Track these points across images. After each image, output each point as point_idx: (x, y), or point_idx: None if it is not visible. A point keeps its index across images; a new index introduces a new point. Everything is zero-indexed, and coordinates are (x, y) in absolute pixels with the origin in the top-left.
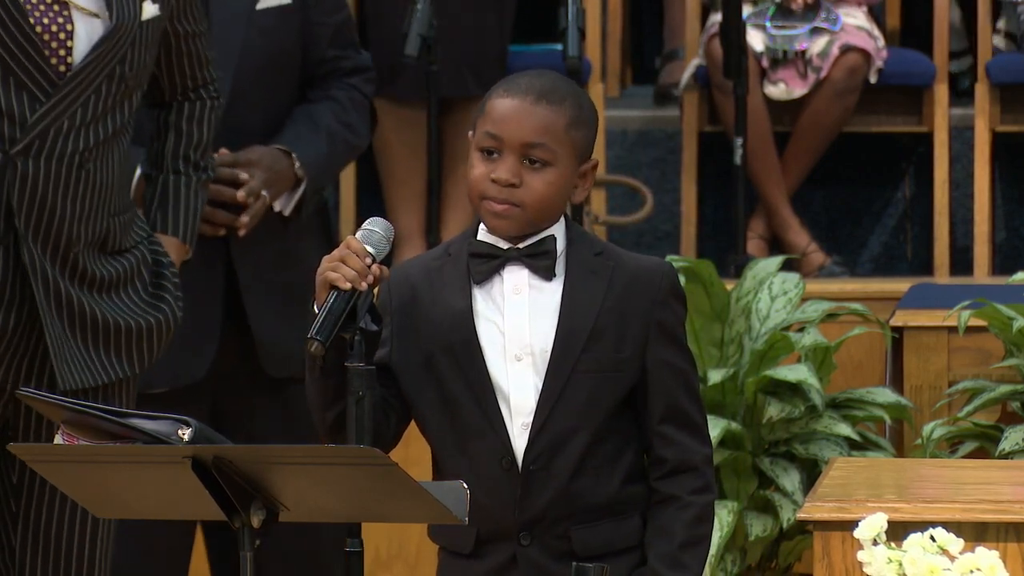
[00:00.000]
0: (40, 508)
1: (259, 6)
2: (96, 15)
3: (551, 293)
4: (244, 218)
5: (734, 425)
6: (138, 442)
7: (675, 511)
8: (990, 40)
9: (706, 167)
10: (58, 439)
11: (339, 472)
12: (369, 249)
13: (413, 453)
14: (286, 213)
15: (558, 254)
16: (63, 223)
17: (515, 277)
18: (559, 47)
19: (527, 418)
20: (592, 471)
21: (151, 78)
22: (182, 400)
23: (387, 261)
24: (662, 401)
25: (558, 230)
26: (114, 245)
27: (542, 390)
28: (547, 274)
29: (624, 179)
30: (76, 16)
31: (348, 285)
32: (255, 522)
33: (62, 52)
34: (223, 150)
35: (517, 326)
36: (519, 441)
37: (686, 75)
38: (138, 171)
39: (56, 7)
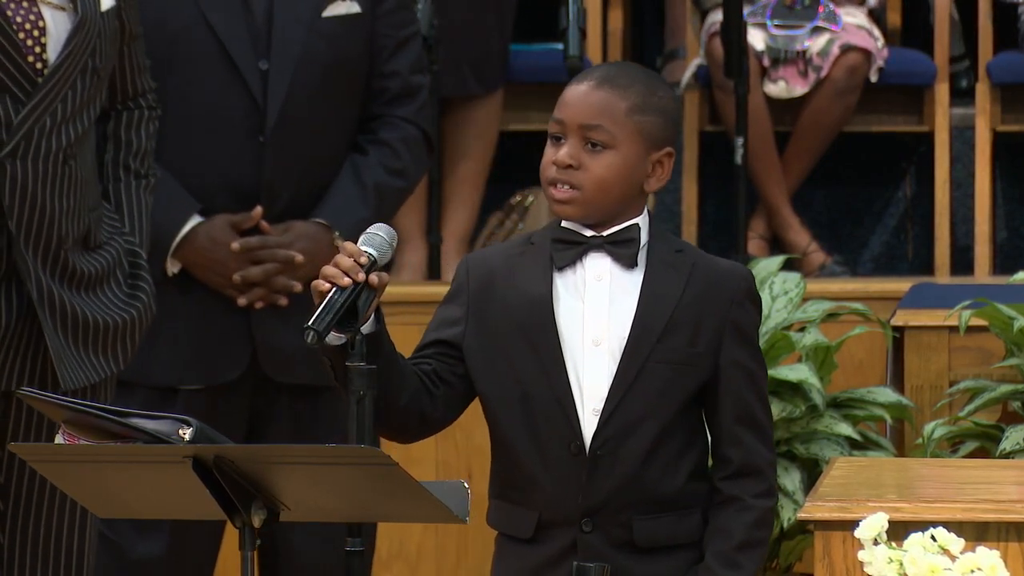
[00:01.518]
0: (29, 508)
1: (325, 13)
2: (62, 8)
3: (632, 282)
4: (298, 285)
5: None
6: (139, 442)
7: (736, 512)
8: (991, 40)
9: (707, 166)
10: (59, 439)
11: (340, 472)
12: (369, 251)
13: (414, 453)
14: None
15: (641, 245)
16: (53, 221)
17: (597, 264)
18: (560, 46)
19: (598, 404)
20: (659, 463)
21: None
22: (221, 397)
23: (388, 263)
24: (733, 401)
25: (642, 222)
26: (94, 240)
27: (615, 376)
28: (629, 262)
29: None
30: (45, 11)
31: (327, 286)
32: (256, 522)
33: (37, 49)
34: (258, 209)
35: (597, 311)
36: (588, 426)
37: (687, 74)
38: None
39: (26, 3)
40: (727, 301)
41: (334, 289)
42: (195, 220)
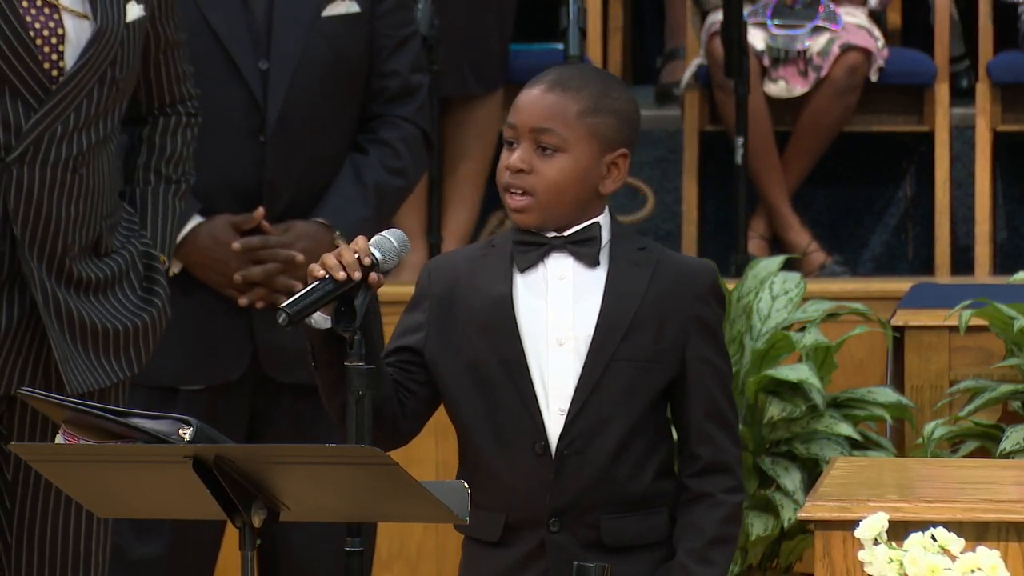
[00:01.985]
0: (35, 506)
1: (325, 13)
2: (85, 16)
3: (595, 281)
4: (299, 285)
5: None
6: (139, 442)
7: (707, 508)
8: (991, 40)
9: (707, 166)
10: (59, 439)
11: (340, 472)
12: (376, 253)
13: (414, 453)
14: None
15: (603, 244)
16: (59, 228)
17: (560, 264)
18: (560, 46)
19: (564, 403)
20: (626, 462)
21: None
22: (222, 397)
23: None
24: (701, 398)
25: (603, 221)
26: (105, 247)
27: (581, 375)
28: (591, 261)
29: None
30: (66, 18)
31: (322, 272)
32: (256, 522)
33: (54, 57)
34: (260, 210)
35: (560, 311)
36: (554, 426)
37: (687, 74)
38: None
39: (47, 10)
40: (692, 297)
41: (326, 279)
42: (196, 220)
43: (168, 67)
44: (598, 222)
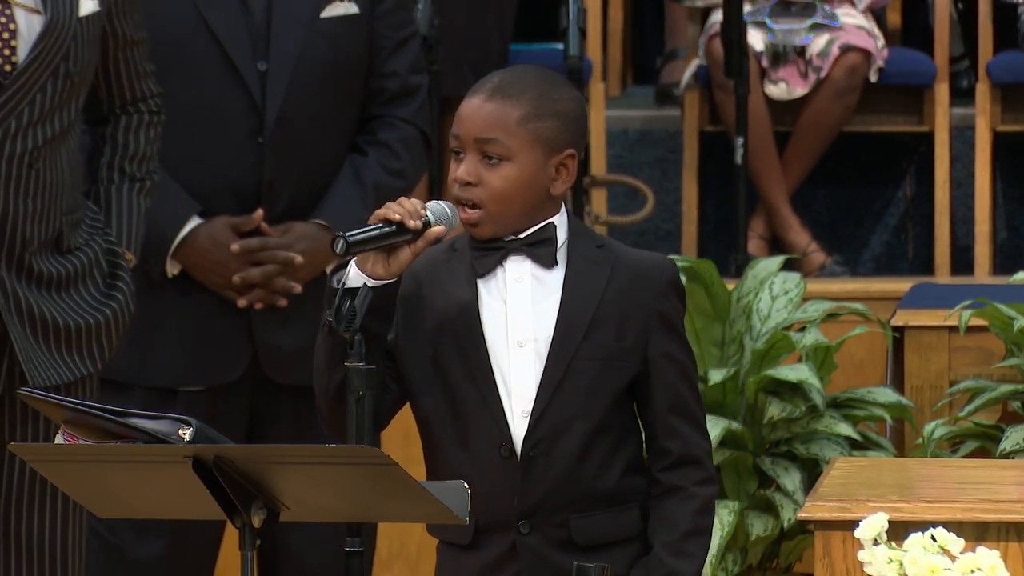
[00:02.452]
0: (9, 505)
1: (324, 14)
2: (36, 11)
3: (553, 281)
4: (297, 287)
5: (735, 425)
6: (139, 442)
7: (679, 501)
8: (991, 40)
9: (707, 167)
10: (59, 439)
11: (340, 472)
12: (427, 214)
13: (413, 453)
14: None
15: (559, 243)
16: (16, 224)
17: (517, 267)
18: (560, 46)
19: (527, 405)
20: (593, 460)
21: (90, 91)
22: (221, 398)
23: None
24: (665, 393)
25: (559, 220)
26: (67, 243)
27: (543, 376)
28: (548, 262)
29: (625, 179)
30: (18, 13)
31: (396, 216)
32: (256, 522)
33: (7, 52)
34: (259, 212)
35: (519, 312)
36: (518, 428)
37: (687, 75)
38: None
39: None
40: (651, 293)
41: (387, 222)
42: (195, 221)
43: (128, 65)
44: (553, 223)
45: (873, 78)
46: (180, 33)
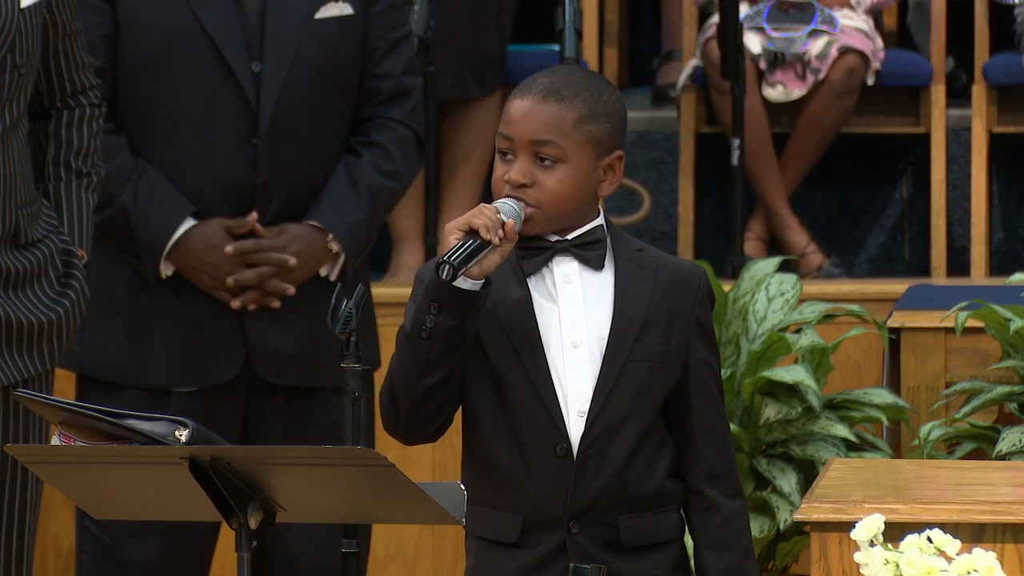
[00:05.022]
0: None
1: (318, 15)
2: None
3: (603, 283)
4: (291, 288)
5: (731, 426)
6: (135, 443)
7: (723, 521)
8: (987, 41)
9: (704, 168)
10: (55, 440)
11: (337, 473)
12: (503, 216)
13: (411, 454)
14: (332, 278)
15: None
16: None
17: (565, 268)
18: (556, 47)
19: (584, 405)
20: (641, 461)
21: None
22: (215, 399)
23: (384, 264)
24: (705, 400)
25: (601, 222)
26: (25, 237)
27: (599, 377)
28: (597, 264)
29: (622, 180)
30: None
31: (487, 236)
32: (252, 523)
33: None
34: (253, 214)
35: (572, 313)
36: (575, 428)
37: (683, 76)
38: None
39: None
40: (690, 300)
41: (472, 235)
42: (189, 223)
43: (68, 55)
44: (601, 225)
45: (870, 80)
46: (173, 33)
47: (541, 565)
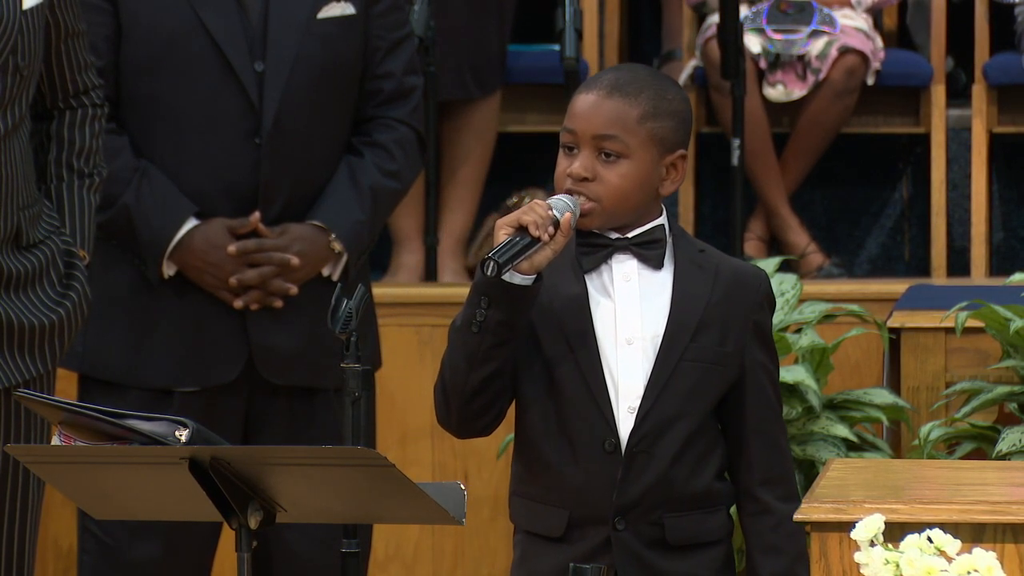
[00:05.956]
0: None
1: (320, 15)
2: None
3: (661, 282)
4: (294, 288)
5: None
6: (135, 443)
7: (776, 525)
8: (987, 41)
9: (704, 168)
10: (55, 440)
11: (337, 473)
12: (554, 212)
13: (411, 454)
14: (334, 278)
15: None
16: None
17: (624, 266)
18: (556, 48)
19: (635, 401)
20: (690, 461)
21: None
22: (217, 399)
23: (384, 264)
24: (761, 403)
25: (663, 222)
26: (27, 239)
27: (651, 374)
28: (656, 263)
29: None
30: None
31: (536, 233)
32: (252, 523)
33: None
34: (256, 215)
35: (628, 311)
36: (624, 424)
37: (683, 76)
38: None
39: None
40: (750, 303)
41: (522, 233)
42: (192, 223)
43: (71, 56)
44: (662, 224)
45: (870, 80)
46: (176, 33)
47: (586, 561)
